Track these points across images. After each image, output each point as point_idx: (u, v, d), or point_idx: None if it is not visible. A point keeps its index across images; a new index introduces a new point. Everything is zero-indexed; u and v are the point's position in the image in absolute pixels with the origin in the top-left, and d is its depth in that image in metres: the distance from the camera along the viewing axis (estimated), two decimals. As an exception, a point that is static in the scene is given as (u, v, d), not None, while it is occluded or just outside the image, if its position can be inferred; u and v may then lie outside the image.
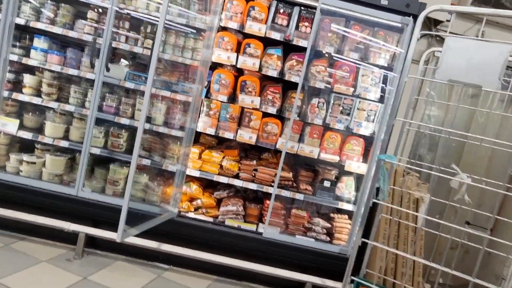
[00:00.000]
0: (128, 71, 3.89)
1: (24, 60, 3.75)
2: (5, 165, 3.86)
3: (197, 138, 4.56)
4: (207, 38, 3.80)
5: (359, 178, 4.17)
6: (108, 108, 3.92)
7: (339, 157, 4.08)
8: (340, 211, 4.25)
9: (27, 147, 4.08)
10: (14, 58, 3.73)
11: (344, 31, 3.91)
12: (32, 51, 3.81)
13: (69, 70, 3.77)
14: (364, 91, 3.99)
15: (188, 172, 3.96)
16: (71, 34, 3.73)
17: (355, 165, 4.05)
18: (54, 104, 3.83)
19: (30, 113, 4.01)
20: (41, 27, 3.72)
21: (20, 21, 3.68)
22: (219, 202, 4.17)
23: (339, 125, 4.04)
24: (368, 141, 4.08)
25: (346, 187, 4.14)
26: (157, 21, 3.85)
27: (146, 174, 3.98)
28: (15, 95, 3.79)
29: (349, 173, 4.16)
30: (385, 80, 4.05)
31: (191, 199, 4.03)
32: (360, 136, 4.08)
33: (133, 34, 3.87)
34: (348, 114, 4.05)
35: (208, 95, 3.99)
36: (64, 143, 3.85)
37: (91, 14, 3.81)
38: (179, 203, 3.92)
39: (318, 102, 4.01)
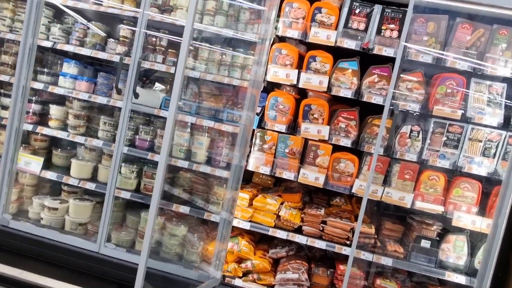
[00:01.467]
0: (165, 97, 3.25)
1: (51, 88, 3.29)
2: (28, 209, 3.39)
3: (249, 178, 3.75)
4: (259, 52, 3.03)
5: (474, 237, 3.00)
6: (141, 143, 3.29)
7: (443, 207, 2.97)
8: (444, 283, 3.09)
9: (57, 189, 3.59)
10: (40, 86, 3.29)
11: (449, 31, 2.90)
12: (61, 78, 3.36)
13: (97, 98, 3.23)
14: (478, 114, 2.90)
15: (236, 223, 3.13)
16: (101, 55, 3.21)
17: (468, 218, 2.91)
18: (81, 139, 3.30)
19: (59, 149, 3.53)
20: (69, 49, 3.26)
21: (47, 43, 3.25)
22: (275, 262, 3.26)
23: (442, 161, 2.96)
24: (488, 184, 2.93)
25: (455, 250, 2.99)
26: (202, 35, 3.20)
27: (185, 225, 3.24)
28: (40, 129, 3.33)
29: (458, 230, 3.01)
30: (510, 97, 2.91)
31: (239, 260, 3.17)
32: (474, 177, 2.95)
33: (172, 52, 3.25)
34: (456, 147, 2.95)
35: (261, 124, 3.19)
36: (90, 185, 3.27)
37: (123, 31, 3.28)
38: (223, 264, 3.09)
39: (411, 131, 2.99)
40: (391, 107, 2.67)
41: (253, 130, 3.18)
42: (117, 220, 3.44)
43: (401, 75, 2.98)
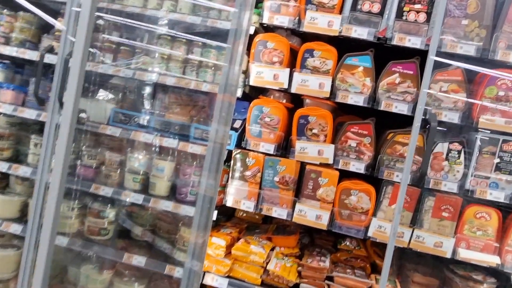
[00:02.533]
0: (114, 109, 2.47)
1: (-34, 100, 2.53)
2: None
3: (232, 211, 2.94)
4: (233, 48, 2.24)
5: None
6: (85, 171, 2.50)
7: (498, 257, 2.13)
8: None
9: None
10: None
11: (498, 10, 2.11)
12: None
13: (24, 112, 2.46)
14: (543, 126, 2.08)
15: (209, 279, 2.30)
16: (29, 55, 2.45)
17: (535, 273, 2.07)
18: (3, 166, 2.52)
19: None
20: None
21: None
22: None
23: (494, 192, 2.14)
24: (562, 225, 2.10)
25: (517, 318, 2.14)
26: (158, 28, 2.45)
27: (141, 283, 2.42)
28: (-48, 154, 2.56)
29: (521, 289, 2.17)
30: None
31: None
32: (542, 214, 2.12)
33: (125, 50, 2.48)
34: (514, 172, 2.13)
35: (242, 143, 2.39)
36: (16, 227, 2.48)
37: (61, 23, 2.53)
38: None
39: (449, 150, 2.17)
40: (424, 117, 1.86)
41: (231, 151, 2.38)
42: (56, 272, 2.64)
43: (432, 74, 2.19)
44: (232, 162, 2.37)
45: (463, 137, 2.17)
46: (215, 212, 2.35)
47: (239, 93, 2.32)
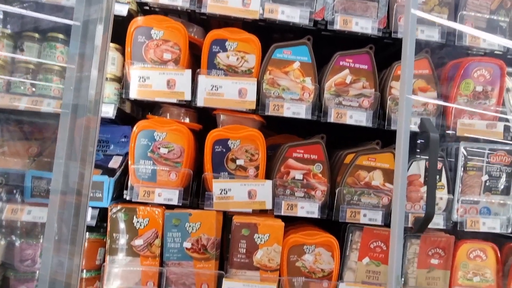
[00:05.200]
0: None
1: None
2: None
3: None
4: (83, 39, 1.34)
5: None
6: None
7: (507, 310, 1.60)
8: None
9: None
10: None
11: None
12: None
13: None
14: (529, 126, 1.65)
15: None
16: None
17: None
18: None
19: None
20: None
21: None
22: None
23: (488, 221, 1.61)
24: None
25: None
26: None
27: None
28: None
29: None
30: None
31: None
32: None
33: None
34: (507, 190, 1.64)
35: (124, 194, 1.49)
36: None
37: None
38: None
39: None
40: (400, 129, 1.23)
41: (105, 210, 1.46)
42: None
43: (391, 67, 1.63)
44: (108, 226, 1.45)
45: (441, 150, 1.63)
46: (84, 322, 1.39)
47: (109, 111, 1.43)
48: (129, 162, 1.48)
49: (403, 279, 1.57)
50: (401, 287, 1.21)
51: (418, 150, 1.54)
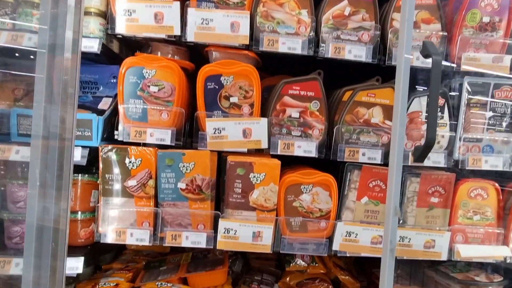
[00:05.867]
0: None
1: None
2: None
3: (120, 246, 1.99)
4: None
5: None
6: None
7: (506, 246, 1.59)
8: None
9: None
10: None
11: None
12: None
13: None
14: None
15: None
16: None
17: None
18: None
19: None
20: None
21: None
22: None
23: (490, 159, 1.58)
24: None
25: (534, 323, 1.63)
26: None
27: None
28: None
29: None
30: None
31: None
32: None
33: None
34: (511, 127, 1.59)
35: (114, 134, 1.46)
36: None
37: None
38: None
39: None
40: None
41: (95, 150, 1.43)
42: None
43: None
44: (100, 167, 1.42)
45: (443, 86, 1.57)
46: (80, 262, 1.38)
47: (94, 45, 1.36)
48: (118, 102, 1.43)
49: (402, 217, 1.56)
50: (398, 216, 1.19)
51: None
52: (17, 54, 1.40)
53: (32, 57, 1.43)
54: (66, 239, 1.17)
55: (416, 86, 1.56)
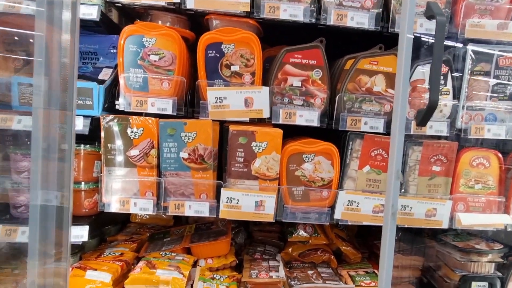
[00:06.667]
0: None
1: None
2: None
3: (126, 216, 2.02)
4: None
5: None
6: None
7: (508, 215, 1.60)
8: None
9: None
10: None
11: None
12: None
13: None
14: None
15: None
16: None
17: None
18: None
19: None
20: None
21: None
22: None
23: (493, 128, 1.57)
24: None
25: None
26: None
27: None
28: None
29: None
30: None
31: None
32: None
33: None
34: (515, 96, 1.59)
35: (116, 105, 1.46)
36: None
37: None
38: None
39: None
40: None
41: (97, 119, 1.43)
42: None
43: (398, -39, 1.51)
44: (102, 137, 1.43)
45: (447, 55, 1.55)
46: (85, 230, 1.40)
47: (93, 12, 1.35)
48: (119, 72, 1.43)
49: (404, 185, 1.57)
50: (400, 180, 1.20)
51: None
52: (16, 23, 1.39)
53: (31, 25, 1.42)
54: (71, 207, 1.18)
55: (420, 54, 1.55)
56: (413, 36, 1.18)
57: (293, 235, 1.88)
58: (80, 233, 1.38)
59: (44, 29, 1.12)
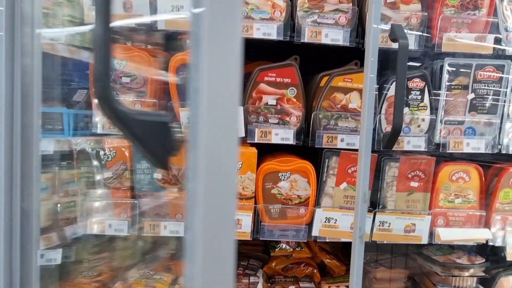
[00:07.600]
0: None
1: None
2: None
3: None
4: None
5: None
6: None
7: (487, 229, 1.59)
8: None
9: None
10: None
11: None
12: None
13: None
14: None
15: None
16: None
17: (531, 241, 1.57)
18: None
19: None
20: None
21: None
22: None
23: (472, 142, 1.56)
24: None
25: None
26: None
27: None
28: None
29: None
30: None
31: None
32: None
33: None
34: (493, 110, 1.57)
35: (88, 127, 1.45)
36: None
37: None
38: None
39: (409, 90, 1.52)
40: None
41: (70, 143, 1.43)
42: None
43: (372, -24, 1.49)
44: (75, 160, 1.43)
45: (423, 69, 1.54)
46: (58, 253, 1.41)
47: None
48: (91, 94, 1.42)
49: (381, 202, 1.56)
50: (367, 203, 1.19)
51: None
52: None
53: None
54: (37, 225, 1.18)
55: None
56: (378, 48, 1.17)
57: (276, 249, 1.87)
58: (53, 256, 1.39)
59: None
